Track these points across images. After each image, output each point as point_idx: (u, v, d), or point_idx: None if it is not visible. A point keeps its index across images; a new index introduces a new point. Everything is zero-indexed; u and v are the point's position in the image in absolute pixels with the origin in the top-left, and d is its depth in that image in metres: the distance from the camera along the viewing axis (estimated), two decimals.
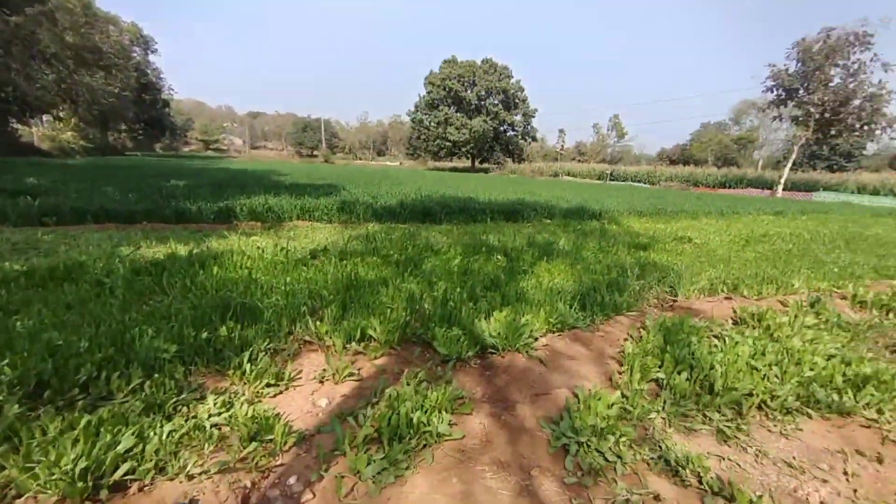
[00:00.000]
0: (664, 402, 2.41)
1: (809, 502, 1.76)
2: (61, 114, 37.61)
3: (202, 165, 26.43)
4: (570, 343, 3.16)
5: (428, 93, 62.81)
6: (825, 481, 1.88)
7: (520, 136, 65.81)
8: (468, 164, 67.97)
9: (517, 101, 63.05)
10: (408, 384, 2.40)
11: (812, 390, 2.48)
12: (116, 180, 12.10)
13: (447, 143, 61.71)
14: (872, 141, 35.18)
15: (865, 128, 31.09)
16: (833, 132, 32.56)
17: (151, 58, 55.55)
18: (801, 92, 32.64)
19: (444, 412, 2.18)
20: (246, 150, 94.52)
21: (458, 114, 61.41)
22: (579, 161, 72.69)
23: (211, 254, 4.63)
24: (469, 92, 61.19)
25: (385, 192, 12.82)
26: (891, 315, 4.04)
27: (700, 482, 1.82)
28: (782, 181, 35.00)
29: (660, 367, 2.74)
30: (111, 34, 41.75)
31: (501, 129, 63.38)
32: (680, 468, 1.88)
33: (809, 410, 2.38)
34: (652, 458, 1.96)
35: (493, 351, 2.97)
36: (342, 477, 1.73)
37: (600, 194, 19.10)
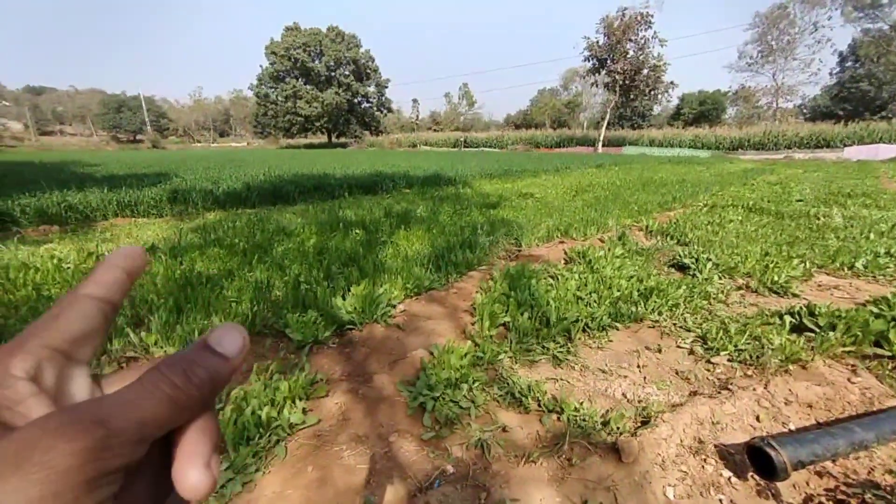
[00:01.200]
0: (511, 343, 2.67)
1: (615, 396, 2.16)
2: None
3: None
4: (427, 304, 3.28)
5: (271, 64, 56.88)
6: (626, 377, 2.32)
7: (375, 108, 64.62)
8: (325, 139, 64.47)
9: (368, 71, 61.29)
10: (257, 380, 2.21)
11: (619, 307, 3.02)
12: None
13: (299, 119, 57.33)
14: (657, 103, 43.72)
15: (652, 92, 38.40)
16: (632, 96, 39.46)
17: None
18: (608, 62, 38.44)
19: (297, 401, 2.06)
20: (32, 138, 73.43)
21: (308, 86, 57.22)
22: (435, 130, 74.91)
23: None
24: (317, 62, 57.24)
25: (229, 175, 11.40)
26: (668, 238, 5.15)
27: (539, 405, 2.08)
28: (601, 139, 41.42)
29: (506, 311, 3.02)
30: None
31: (355, 100, 61.24)
32: (523, 397, 2.11)
33: (617, 324, 2.89)
34: (501, 395, 2.17)
35: (351, 326, 2.91)
36: None
37: (455, 161, 20.03)
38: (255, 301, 3.10)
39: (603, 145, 41.76)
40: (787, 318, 2.82)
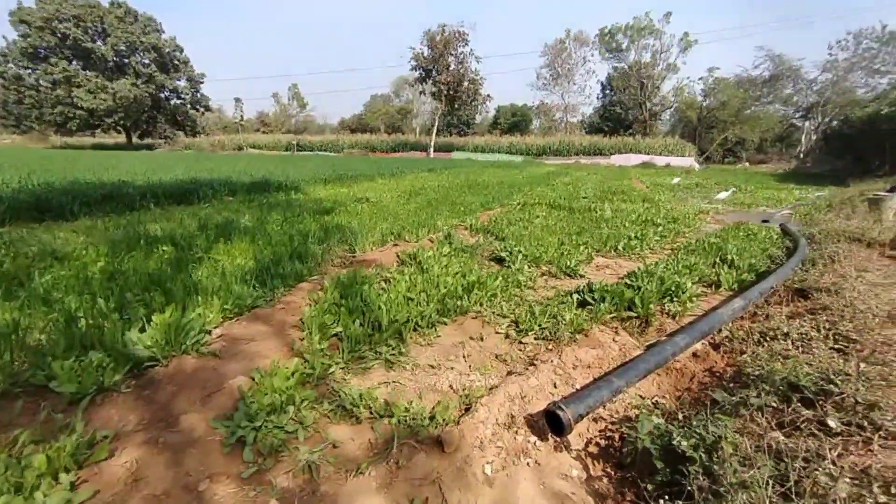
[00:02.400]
0: (343, 352, 2.58)
1: (443, 389, 2.29)
2: None
3: None
4: (249, 325, 2.95)
5: (23, 37, 43.58)
6: (453, 368, 2.49)
7: (189, 105, 55.72)
8: (122, 139, 52.77)
9: (176, 62, 52.42)
10: None
11: (446, 303, 3.23)
12: None
13: (79, 112, 45.52)
14: (479, 113, 48.91)
15: (472, 103, 42.77)
16: (456, 106, 43.21)
17: None
18: (434, 73, 41.18)
19: (63, 474, 1.60)
20: None
21: (89, 72, 45.80)
22: (264, 132, 68.80)
23: None
24: (100, 44, 46.22)
25: None
26: (488, 235, 5.79)
27: (371, 412, 2.06)
28: (432, 144, 44.20)
29: (337, 321, 2.92)
30: None
31: (161, 95, 51.70)
32: (354, 408, 2.06)
33: (445, 319, 3.09)
34: (332, 410, 2.07)
35: (152, 363, 2.41)
36: None
37: (287, 165, 18.76)
38: None
39: (434, 150, 44.65)
40: (575, 296, 3.44)
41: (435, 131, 45.15)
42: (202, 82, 56.29)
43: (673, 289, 3.58)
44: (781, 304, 3.56)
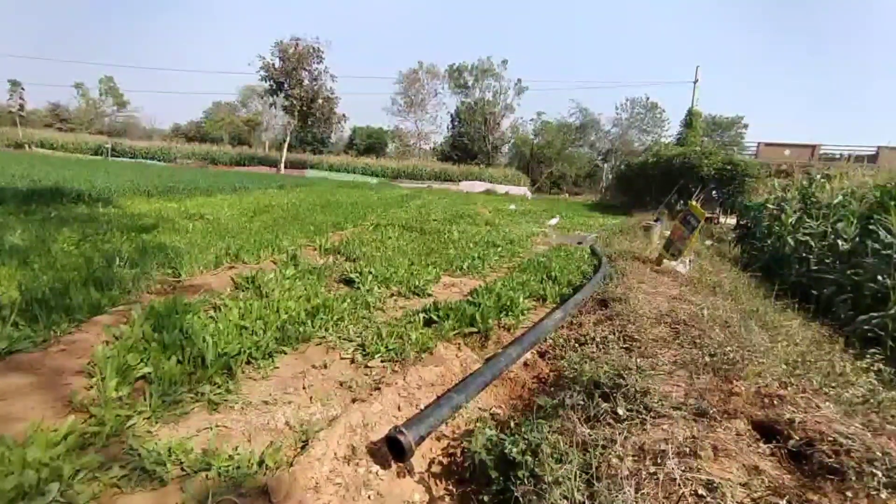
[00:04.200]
0: (151, 398, 2.13)
1: (278, 426, 2.06)
2: None
3: None
4: (4, 376, 2.21)
5: None
6: (290, 402, 2.27)
7: None
8: None
9: None
10: None
11: (286, 330, 2.96)
12: None
13: None
14: (333, 132, 47.97)
15: (327, 121, 41.78)
16: (310, 122, 41.55)
17: None
18: (286, 86, 38.97)
19: None
20: None
21: None
22: (61, 129, 54.94)
23: None
24: None
25: None
26: (339, 256, 5.61)
27: (183, 469, 1.72)
28: (283, 160, 41.49)
29: (146, 360, 2.41)
30: None
31: None
32: (158, 467, 1.69)
33: (284, 348, 2.83)
34: (124, 476, 1.66)
35: None
36: None
37: (96, 172, 15.32)
38: None
39: (286, 167, 41.90)
40: (422, 315, 3.53)
41: (286, 147, 42.48)
42: None
43: (508, 304, 3.97)
44: (591, 313, 4.26)
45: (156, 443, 1.84)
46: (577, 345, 3.25)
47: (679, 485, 1.50)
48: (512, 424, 2.11)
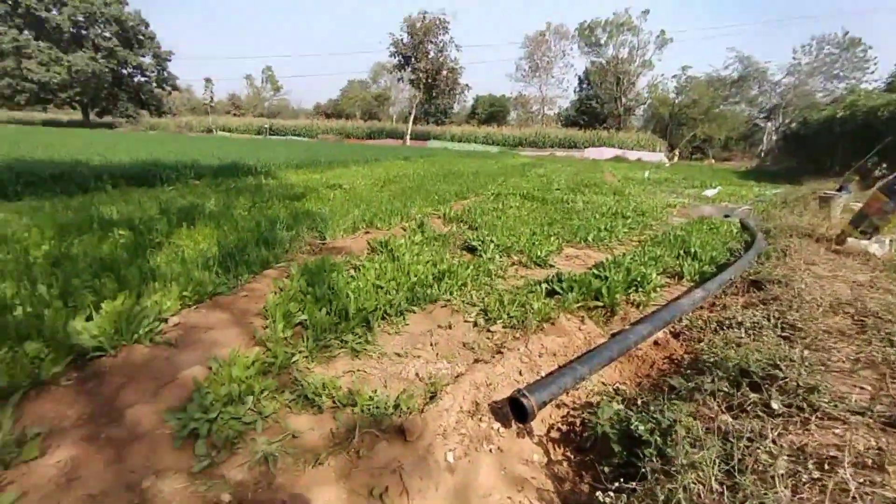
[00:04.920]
0: (308, 341, 2.52)
1: (409, 377, 2.27)
2: None
3: None
4: (209, 312, 2.84)
5: None
6: (419, 356, 2.47)
7: (154, 84, 52.90)
8: (79, 116, 49.76)
9: (141, 37, 49.53)
10: None
11: (415, 291, 3.20)
12: None
13: (28, 85, 42.61)
14: (457, 102, 48.54)
15: (451, 92, 42.36)
16: (434, 94, 42.68)
17: None
18: (413, 60, 40.51)
19: None
20: None
21: (43, 43, 42.77)
22: (235, 115, 66.31)
23: None
24: (55, 13, 43.16)
25: None
26: (461, 224, 5.77)
27: (334, 402, 2.02)
28: (408, 132, 43.67)
29: (303, 309, 2.84)
30: None
31: (124, 72, 48.84)
32: (316, 397, 2.01)
33: (414, 307, 3.06)
34: (293, 400, 2.02)
35: (99, 353, 2.28)
36: None
37: (259, 149, 18.17)
38: None
39: (411, 138, 44.14)
40: (544, 286, 3.47)
41: (412, 119, 44.58)
42: (169, 60, 53.38)
43: (639, 279, 3.66)
44: (738, 294, 3.70)
45: (313, 377, 2.18)
46: (719, 328, 2.88)
47: (854, 497, 1.26)
48: (639, 402, 1.99)
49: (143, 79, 52.01)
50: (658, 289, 3.67)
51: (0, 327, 2.30)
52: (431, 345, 2.62)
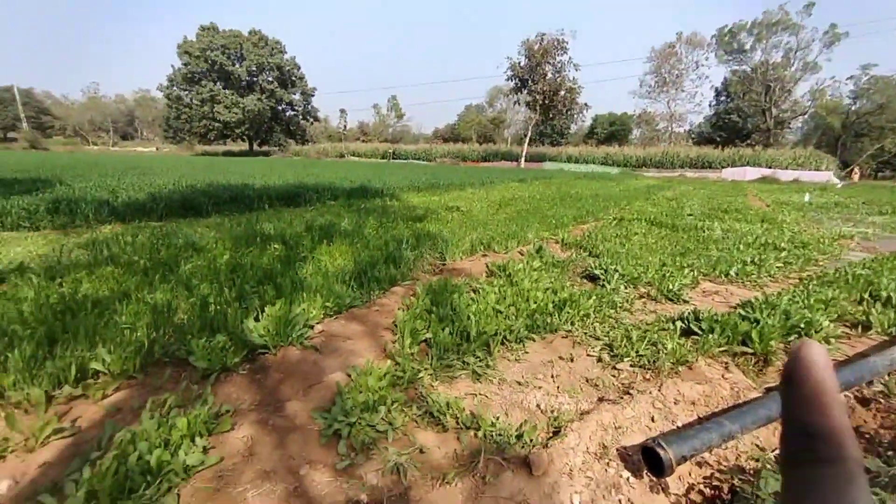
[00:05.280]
0: (432, 359, 2.67)
1: (530, 407, 2.24)
2: None
3: None
4: (347, 323, 3.18)
5: (185, 64, 52.64)
6: (540, 387, 2.43)
7: (300, 116, 62.41)
8: (245, 147, 60.88)
9: (294, 78, 59.16)
10: (150, 417, 1.97)
11: (535, 319, 3.17)
12: None
13: (217, 124, 53.61)
14: (574, 122, 47.37)
15: (568, 112, 41.52)
16: (551, 115, 42.27)
17: None
18: (529, 82, 40.86)
19: (197, 438, 1.87)
20: None
21: (228, 91, 53.75)
22: (363, 141, 74.15)
23: None
24: (238, 66, 54.06)
25: (131, 184, 10.27)
26: (581, 250, 5.55)
27: (458, 422, 2.09)
28: (524, 154, 43.78)
29: (428, 327, 3.02)
30: None
31: (280, 108, 58.75)
32: (441, 416, 2.11)
33: (534, 335, 3.03)
34: (419, 415, 2.15)
35: (264, 350, 2.73)
36: None
37: (383, 173, 19.95)
38: (153, 326, 2.79)
39: (525, 160, 44.16)
40: (678, 324, 3.15)
41: (527, 141, 44.65)
42: (313, 95, 62.57)
43: (802, 325, 3.10)
44: None
45: (437, 395, 2.29)
46: None
47: None
48: None
49: (292, 112, 61.50)
50: (832, 340, 3.06)
51: (202, 321, 2.91)
52: (552, 377, 2.56)
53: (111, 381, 2.30)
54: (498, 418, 2.08)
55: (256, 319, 2.99)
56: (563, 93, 40.24)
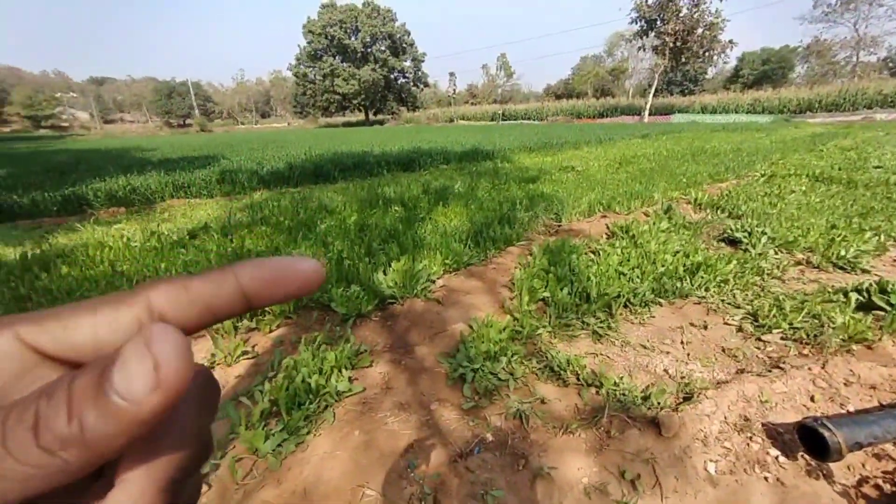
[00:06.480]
0: (550, 317, 2.67)
1: (656, 371, 2.12)
2: None
3: (33, 148, 21.78)
4: (466, 279, 3.32)
5: (308, 43, 57.34)
6: (668, 353, 2.27)
7: (411, 83, 64.02)
8: (362, 117, 65.02)
9: (405, 45, 60.50)
10: (306, 350, 2.34)
11: (663, 283, 2.93)
12: None
13: (336, 97, 57.93)
14: (713, 65, 40.36)
15: (706, 54, 35.45)
16: (683, 59, 36.62)
17: None
18: (658, 23, 35.77)
19: (343, 370, 2.18)
20: (97, 126, 77.97)
21: (345, 64, 57.41)
22: (472, 104, 73.49)
23: (55, 252, 3.93)
24: (353, 39, 57.12)
25: (272, 156, 11.83)
26: (718, 211, 4.87)
27: (578, 379, 2.09)
28: (647, 107, 39.08)
29: (545, 287, 3.00)
30: None
31: (392, 76, 60.88)
32: (561, 371, 2.12)
33: (660, 300, 2.81)
34: (539, 369, 2.19)
35: (392, 301, 3.01)
36: (239, 459, 1.66)
37: (493, 135, 19.64)
38: None
39: (650, 114, 39.40)
40: (854, 296, 2.63)
41: (652, 92, 39.60)
42: (423, 61, 63.29)
43: None
44: None
45: (556, 352, 2.30)
46: None
47: None
48: None
49: (403, 80, 63.19)
50: None
51: (338, 272, 3.30)
52: (682, 343, 2.38)
53: (274, 319, 2.76)
54: (622, 378, 2.02)
55: (384, 273, 3.29)
56: (700, 31, 34.34)
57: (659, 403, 1.81)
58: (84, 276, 3.33)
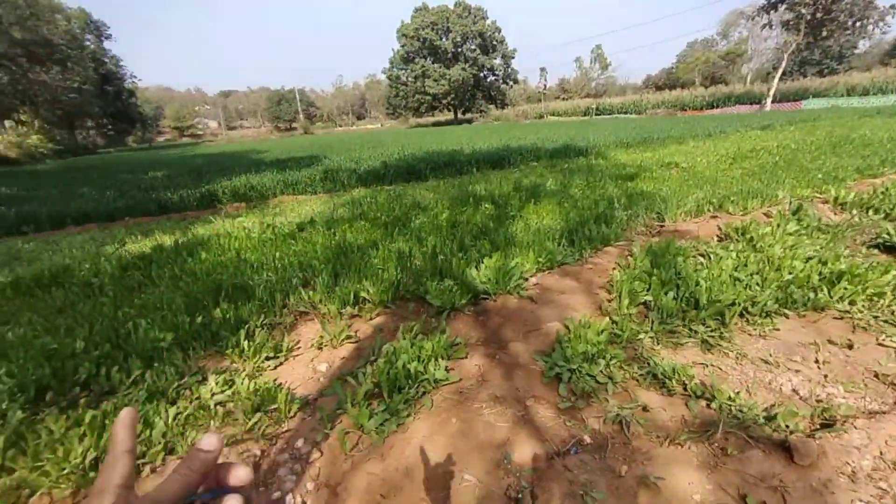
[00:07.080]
0: (652, 323, 2.50)
1: (782, 391, 1.88)
2: (22, 117, 35.93)
3: (179, 154, 25.82)
4: (560, 279, 3.24)
5: (402, 46, 59.83)
6: (798, 371, 2.00)
7: (501, 80, 63.51)
8: (451, 116, 66.18)
9: (494, 43, 60.23)
10: (404, 338, 2.48)
11: (790, 292, 2.58)
12: (92, 180, 11.86)
13: (427, 98, 59.63)
14: (864, 38, 33.85)
15: (857, 24, 29.88)
16: (825, 33, 31.30)
17: (106, 45, 51.29)
18: None
19: (440, 359, 2.27)
20: (223, 133, 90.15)
21: (435, 65, 58.84)
22: (563, 99, 70.80)
23: (197, 240, 4.63)
24: (444, 40, 58.31)
25: (368, 156, 12.63)
26: (870, 212, 4.12)
27: (685, 389, 1.94)
28: (771, 93, 34.24)
29: (647, 290, 2.82)
30: (59, 23, 38.31)
31: (481, 74, 60.97)
32: (666, 379, 1.99)
33: (786, 311, 2.48)
34: (641, 375, 2.07)
35: (485, 296, 3.04)
36: (346, 433, 1.82)
37: (586, 131, 18.78)
38: (398, 269, 3.44)
39: (774, 101, 34.42)
40: None
41: (778, 75, 34.44)
42: (513, 58, 62.27)
43: None
44: None
45: (660, 359, 2.15)
46: None
47: None
48: None
49: (493, 78, 62.75)
50: None
51: (432, 267, 3.43)
52: (817, 362, 2.07)
53: (374, 307, 2.95)
54: (738, 393, 1.83)
55: (476, 269, 3.34)
56: None
57: (788, 426, 1.61)
58: (217, 262, 3.87)
